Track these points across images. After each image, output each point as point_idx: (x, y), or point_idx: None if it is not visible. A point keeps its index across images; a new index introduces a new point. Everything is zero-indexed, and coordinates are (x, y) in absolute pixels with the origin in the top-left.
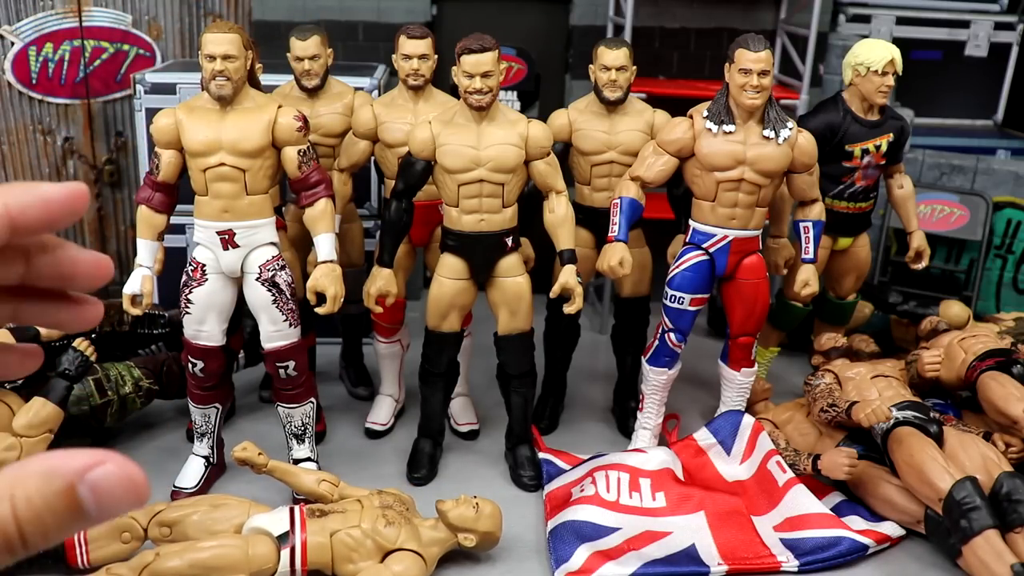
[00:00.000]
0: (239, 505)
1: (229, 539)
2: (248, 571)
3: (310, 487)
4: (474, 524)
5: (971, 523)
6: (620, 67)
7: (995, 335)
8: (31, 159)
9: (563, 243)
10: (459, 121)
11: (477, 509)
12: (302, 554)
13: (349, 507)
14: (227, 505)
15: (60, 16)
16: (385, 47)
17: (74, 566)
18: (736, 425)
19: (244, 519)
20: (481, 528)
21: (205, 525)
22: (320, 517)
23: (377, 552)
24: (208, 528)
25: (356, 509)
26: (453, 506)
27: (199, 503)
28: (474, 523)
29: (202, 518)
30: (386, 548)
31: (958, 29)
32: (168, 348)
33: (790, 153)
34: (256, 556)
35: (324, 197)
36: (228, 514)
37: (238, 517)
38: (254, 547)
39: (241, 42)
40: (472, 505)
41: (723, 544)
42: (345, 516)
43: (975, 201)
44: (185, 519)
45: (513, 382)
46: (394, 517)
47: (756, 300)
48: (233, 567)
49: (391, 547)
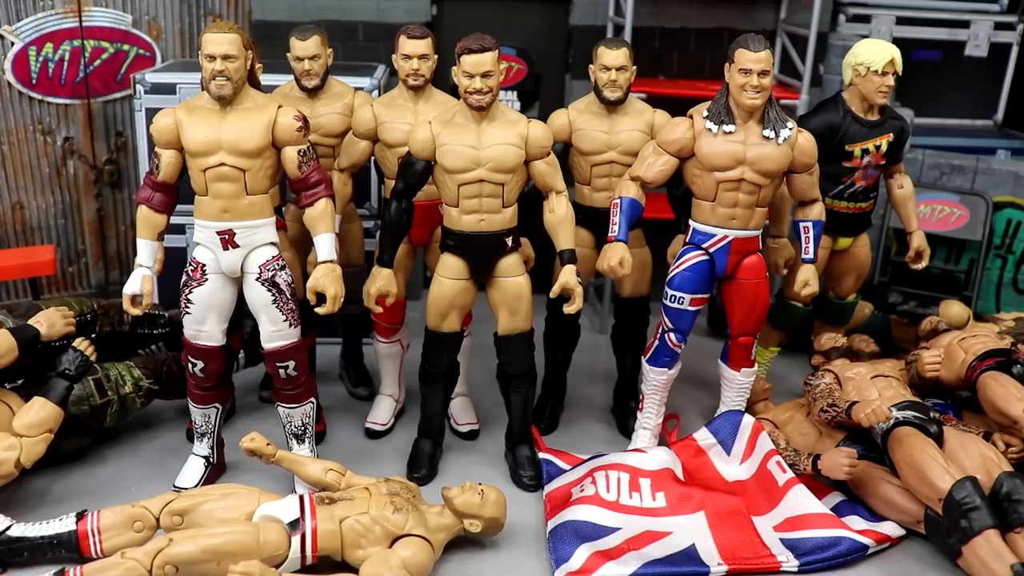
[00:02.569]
0: (249, 494)
1: (241, 525)
2: (259, 557)
3: (317, 476)
4: (479, 510)
5: (971, 523)
6: (620, 67)
7: (995, 335)
8: (31, 159)
9: (563, 243)
10: (459, 121)
11: (482, 496)
12: (312, 540)
13: (357, 495)
14: (237, 494)
15: (60, 16)
16: (385, 47)
17: (88, 555)
18: (736, 425)
19: (254, 507)
20: (486, 514)
21: (216, 513)
22: (329, 504)
23: (385, 538)
24: (219, 516)
25: (364, 496)
26: (459, 493)
27: (210, 492)
28: (479, 509)
29: (213, 506)
30: (394, 534)
31: (958, 29)
32: (168, 348)
33: (790, 153)
34: (267, 542)
35: (324, 197)
36: (238, 502)
37: (248, 505)
38: (265, 533)
39: (241, 42)
40: (477, 492)
41: (723, 544)
42: (353, 503)
43: (975, 201)
44: (197, 507)
45: (513, 382)
46: (401, 504)
47: (756, 300)
48: (245, 552)
49: (399, 533)
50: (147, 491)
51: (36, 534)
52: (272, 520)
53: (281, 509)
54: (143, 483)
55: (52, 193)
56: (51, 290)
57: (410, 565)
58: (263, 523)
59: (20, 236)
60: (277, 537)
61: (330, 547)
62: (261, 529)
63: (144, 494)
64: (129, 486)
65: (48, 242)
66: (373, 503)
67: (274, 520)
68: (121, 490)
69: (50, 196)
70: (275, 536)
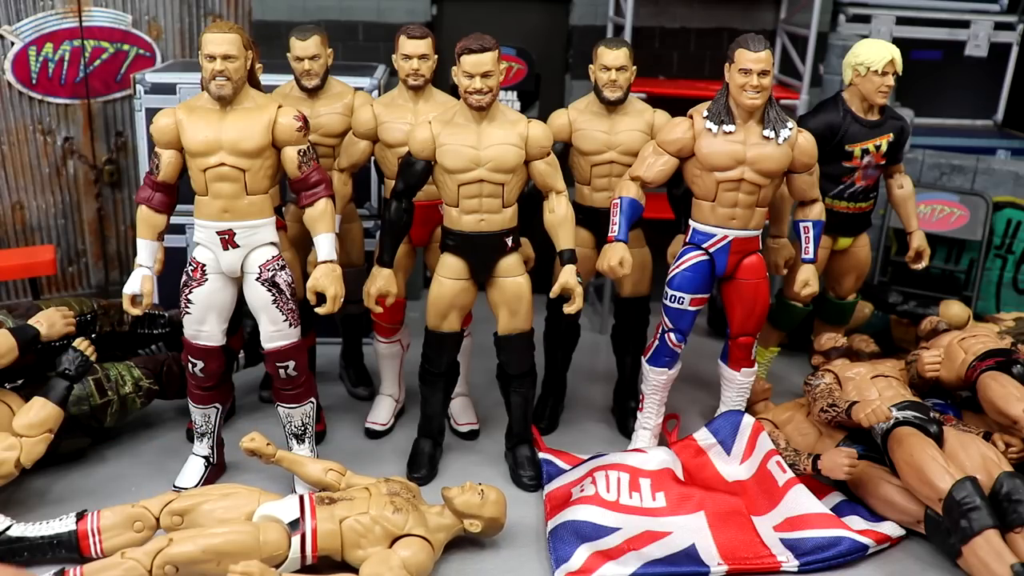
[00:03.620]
0: (249, 494)
1: (241, 525)
2: (259, 557)
3: (318, 476)
4: (479, 510)
5: (971, 523)
6: (620, 67)
7: (995, 335)
8: (31, 159)
9: (563, 243)
10: (459, 121)
11: (483, 496)
12: (312, 540)
13: (357, 495)
14: (237, 494)
15: (60, 16)
16: (385, 47)
17: (88, 556)
18: (736, 425)
19: (254, 507)
20: (486, 514)
21: (216, 513)
22: (329, 504)
23: (385, 538)
24: (219, 516)
25: (364, 496)
26: (459, 493)
27: (209, 492)
28: (479, 509)
29: (213, 507)
30: (394, 534)
31: (958, 29)
32: (168, 348)
33: (790, 153)
34: (268, 542)
35: (324, 197)
36: (238, 502)
37: (248, 505)
38: (265, 533)
39: (241, 42)
40: (477, 492)
41: (723, 544)
42: (353, 503)
43: (975, 201)
44: (197, 508)
45: (513, 382)
46: (401, 504)
47: (756, 300)
48: (245, 552)
49: (399, 533)
50: (147, 491)
51: (36, 534)
52: (272, 520)
53: (281, 509)
54: (143, 483)
55: (52, 193)
56: (51, 290)
57: (410, 565)
58: (263, 523)
59: (20, 236)
60: (277, 537)
61: (330, 547)
62: (261, 529)
63: (144, 494)
64: (129, 486)
65: (48, 242)
66: (373, 503)
67: (274, 520)
68: (121, 490)
69: (50, 196)
70: (275, 536)
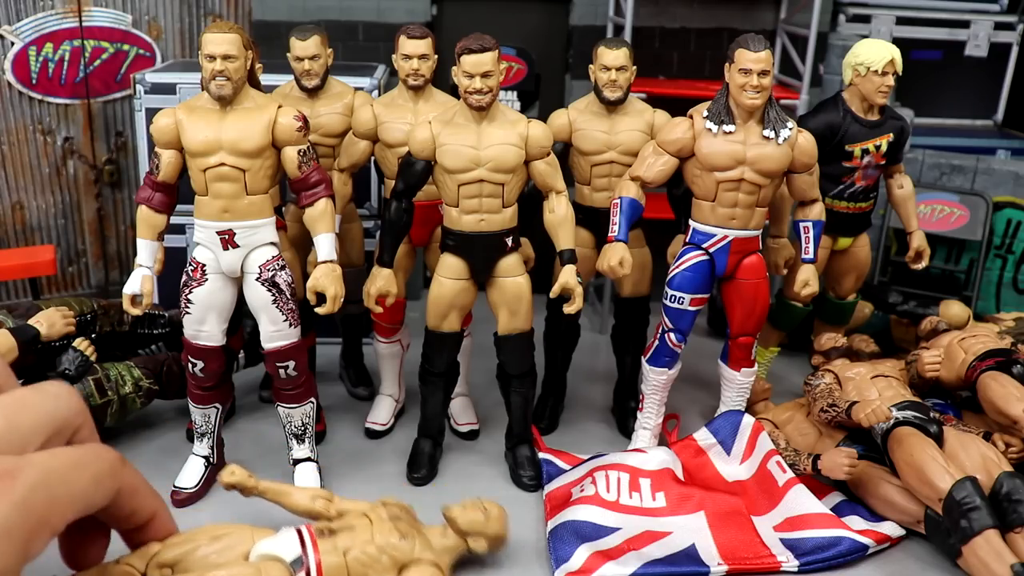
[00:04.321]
0: (240, 532)
1: (241, 568)
2: None
3: (305, 505)
4: (484, 528)
5: (971, 523)
6: (620, 67)
7: (995, 335)
8: (31, 159)
9: (563, 243)
10: (459, 121)
11: (485, 512)
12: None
13: (356, 522)
14: (228, 535)
15: (60, 16)
16: (385, 47)
17: None
18: (736, 425)
19: (249, 546)
20: (491, 531)
21: (210, 559)
22: (330, 536)
23: (392, 567)
24: (213, 562)
25: (365, 524)
26: (461, 512)
27: (196, 536)
28: (484, 527)
29: (206, 552)
30: (401, 561)
31: (958, 29)
32: (168, 348)
33: (790, 153)
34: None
35: (324, 197)
36: (231, 543)
37: (242, 545)
38: (268, 574)
39: (241, 42)
40: (480, 509)
41: (723, 544)
42: (355, 533)
43: (975, 201)
44: (187, 556)
45: (513, 382)
46: (405, 529)
47: (756, 300)
48: None
49: (406, 560)
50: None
51: None
52: (274, 559)
53: (280, 546)
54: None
55: (52, 193)
56: (51, 290)
57: None
58: (264, 564)
59: (20, 236)
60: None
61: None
62: (262, 571)
63: None
64: None
65: (48, 242)
66: (376, 531)
67: (275, 559)
68: None
69: (50, 196)
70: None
